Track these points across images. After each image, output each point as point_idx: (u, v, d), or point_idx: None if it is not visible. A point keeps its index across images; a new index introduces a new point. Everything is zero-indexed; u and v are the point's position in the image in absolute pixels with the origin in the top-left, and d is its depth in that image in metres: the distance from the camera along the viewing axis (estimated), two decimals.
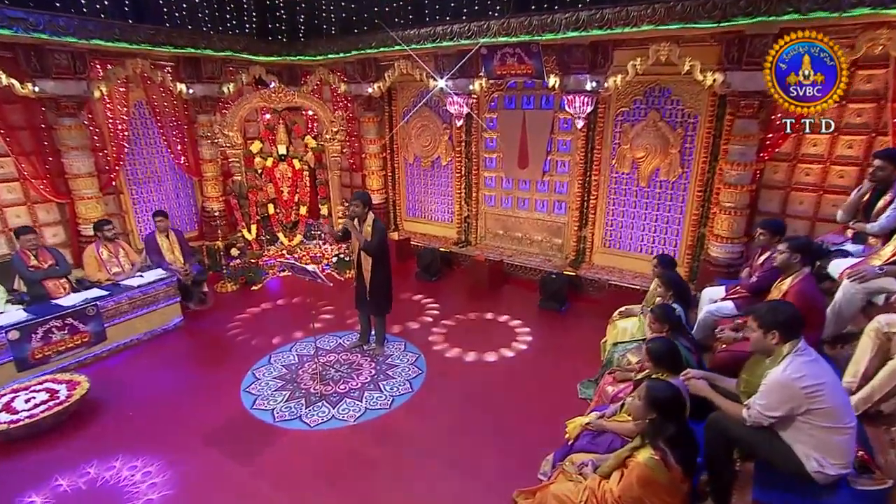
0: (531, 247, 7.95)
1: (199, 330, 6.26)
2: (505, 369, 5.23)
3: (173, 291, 6.25)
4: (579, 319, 6.38)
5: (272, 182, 8.16)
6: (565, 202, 7.45)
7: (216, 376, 5.21)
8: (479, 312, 6.54)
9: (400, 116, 8.81)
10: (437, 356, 5.47)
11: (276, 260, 8.00)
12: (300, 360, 5.51)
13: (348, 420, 4.49)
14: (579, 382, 4.93)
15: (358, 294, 5.38)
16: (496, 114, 7.76)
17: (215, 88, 7.88)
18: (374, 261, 5.10)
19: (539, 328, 6.11)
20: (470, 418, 4.49)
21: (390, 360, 5.43)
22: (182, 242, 6.79)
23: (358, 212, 4.99)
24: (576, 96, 6.33)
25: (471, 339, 5.79)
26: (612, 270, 7.02)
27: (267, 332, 6.05)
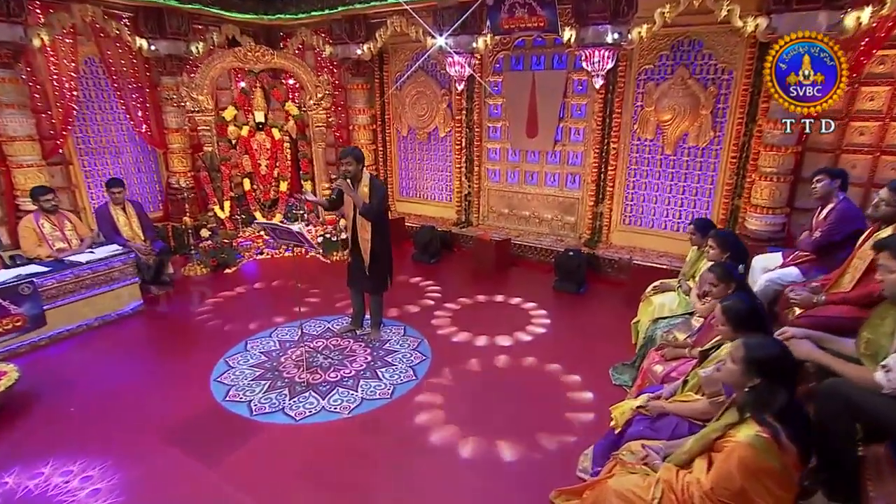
0: (540, 226, 7.48)
1: (162, 315, 5.65)
2: (522, 354, 4.75)
3: (131, 270, 5.61)
4: (601, 301, 5.95)
5: (248, 154, 7.56)
6: (579, 175, 7.01)
7: (181, 366, 4.60)
8: (486, 295, 6.11)
9: (392, 82, 8.27)
10: (443, 341, 4.97)
11: (251, 241, 7.37)
12: (282, 346, 4.93)
13: (341, 412, 3.93)
14: (611, 367, 4.46)
15: (352, 270, 4.83)
16: (501, 77, 7.30)
17: (182, 47, 7.26)
18: (374, 227, 4.57)
19: (557, 311, 5.65)
20: (486, 408, 3.95)
21: (388, 346, 4.89)
22: (141, 216, 6.15)
23: (352, 170, 4.44)
24: (595, 50, 5.83)
25: (480, 323, 5.32)
26: (633, 250, 6.53)
27: (242, 318, 5.47)
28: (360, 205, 4.44)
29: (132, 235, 6.01)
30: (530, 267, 6.96)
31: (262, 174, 7.66)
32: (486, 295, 6.10)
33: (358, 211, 4.51)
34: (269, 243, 7.44)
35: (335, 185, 4.48)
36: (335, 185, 4.48)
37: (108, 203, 5.96)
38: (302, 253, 7.47)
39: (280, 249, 7.43)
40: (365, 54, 7.68)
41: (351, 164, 4.45)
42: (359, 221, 4.60)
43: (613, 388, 4.20)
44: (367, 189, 4.51)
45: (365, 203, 4.44)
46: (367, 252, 4.64)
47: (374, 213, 4.52)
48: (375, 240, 4.62)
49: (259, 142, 7.58)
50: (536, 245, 7.07)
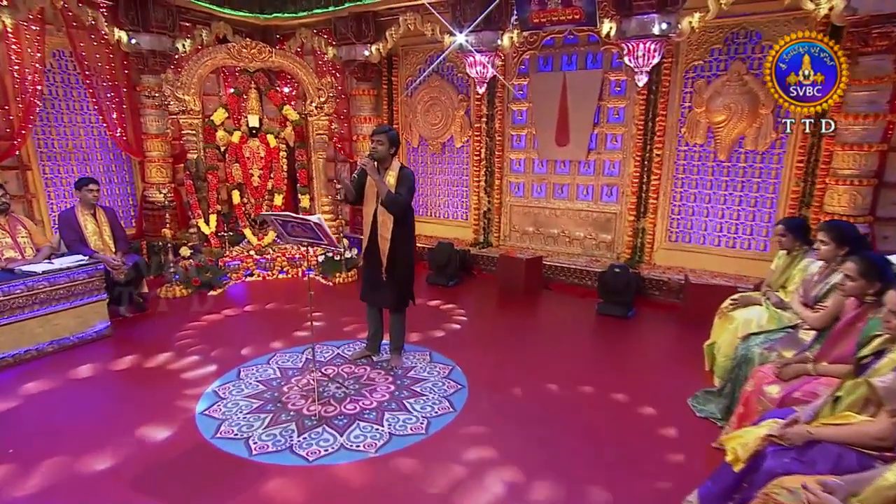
0: (570, 246, 7.02)
1: (135, 340, 5.00)
2: (576, 383, 4.23)
3: (98, 285, 4.97)
4: (655, 326, 5.48)
5: (239, 163, 7.04)
6: (617, 187, 6.61)
7: (158, 397, 3.93)
8: (521, 319, 5.64)
9: (402, 88, 7.93)
10: (479, 368, 4.41)
11: (240, 261, 6.76)
12: (284, 374, 4.29)
13: (366, 451, 3.29)
14: (690, 398, 3.88)
15: (368, 281, 4.28)
16: (527, 79, 6.97)
17: (167, 43, 6.86)
18: (398, 224, 4.07)
19: (606, 336, 5.16)
20: (549, 445, 3.36)
21: (414, 374, 4.29)
22: (114, 224, 5.56)
23: (382, 151, 3.97)
24: (640, 43, 5.52)
25: (521, 349, 4.80)
26: (682, 271, 6.05)
27: (232, 343, 4.86)
28: (383, 194, 3.93)
29: (102, 247, 5.38)
30: (564, 290, 6.49)
31: (255, 186, 7.13)
32: (520, 319, 5.64)
33: (380, 201, 3.98)
34: (261, 263, 6.84)
35: (360, 163, 3.95)
36: (360, 163, 3.95)
37: (75, 207, 5.35)
38: (297, 273, 6.87)
39: (274, 271, 6.84)
40: (373, 56, 7.36)
41: (382, 142, 3.96)
42: (380, 218, 4.09)
43: (699, 421, 3.65)
44: (394, 180, 4.02)
45: (391, 192, 3.92)
46: (386, 255, 4.10)
47: (401, 206, 4.02)
48: (397, 241, 4.11)
49: (252, 149, 7.09)
50: (570, 266, 6.59)
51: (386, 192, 3.93)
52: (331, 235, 3.52)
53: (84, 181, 5.35)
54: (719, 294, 5.16)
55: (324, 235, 3.51)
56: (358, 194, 4.19)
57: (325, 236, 3.51)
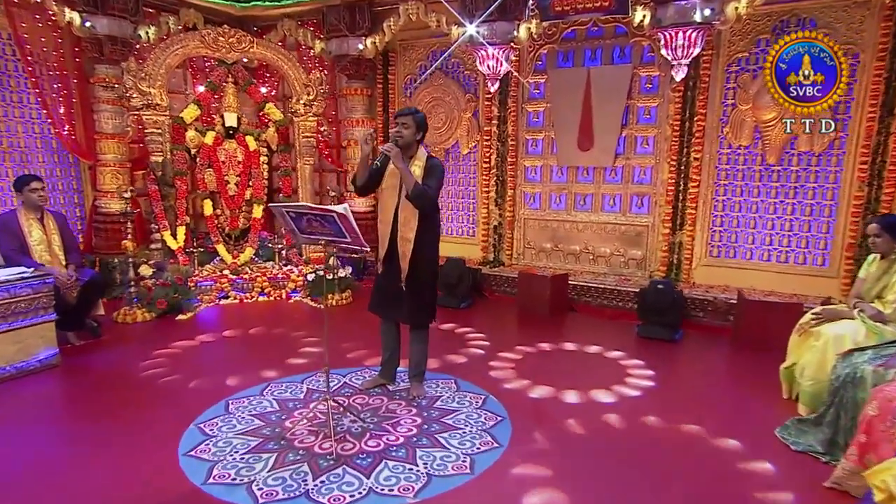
0: (595, 264, 6.81)
1: (91, 370, 4.53)
2: (638, 413, 3.94)
3: (45, 303, 4.48)
4: (707, 349, 5.23)
5: (212, 167, 6.66)
6: (649, 196, 6.46)
7: (127, 437, 3.45)
8: (550, 343, 5.35)
9: (401, 88, 7.72)
10: (518, 397, 4.12)
11: (213, 282, 6.30)
12: (283, 407, 3.86)
13: (403, 495, 2.88)
14: (779, 428, 3.58)
15: (385, 287, 3.93)
16: (545, 76, 6.84)
17: (128, 29, 6.46)
18: (423, 223, 3.77)
19: (656, 361, 4.90)
20: (620, 486, 3.01)
21: (441, 404, 3.92)
22: (65, 233, 5.12)
23: (407, 136, 3.67)
24: (679, 32, 5.40)
25: (558, 375, 4.56)
26: (728, 290, 5.85)
27: (214, 372, 4.44)
28: (410, 186, 3.61)
29: (50, 259, 4.90)
30: (592, 312, 6.24)
31: (231, 195, 6.74)
32: (549, 343, 5.33)
33: (405, 194, 3.66)
34: (237, 284, 6.39)
35: (382, 148, 3.62)
36: (382, 148, 3.62)
37: (16, 210, 4.88)
38: (281, 295, 6.44)
39: (253, 293, 6.39)
40: (368, 51, 7.18)
41: (409, 125, 3.67)
42: (402, 214, 3.77)
43: (796, 456, 3.35)
44: (420, 170, 3.73)
45: (418, 184, 3.61)
46: (408, 259, 3.77)
47: (430, 201, 3.71)
48: (423, 242, 3.79)
49: (228, 152, 6.73)
50: (598, 285, 6.33)
51: (413, 183, 3.61)
52: (358, 231, 3.17)
53: (25, 179, 4.90)
54: (781, 312, 4.99)
55: (349, 231, 3.16)
56: (369, 183, 3.84)
57: (351, 232, 3.16)
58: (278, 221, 7.51)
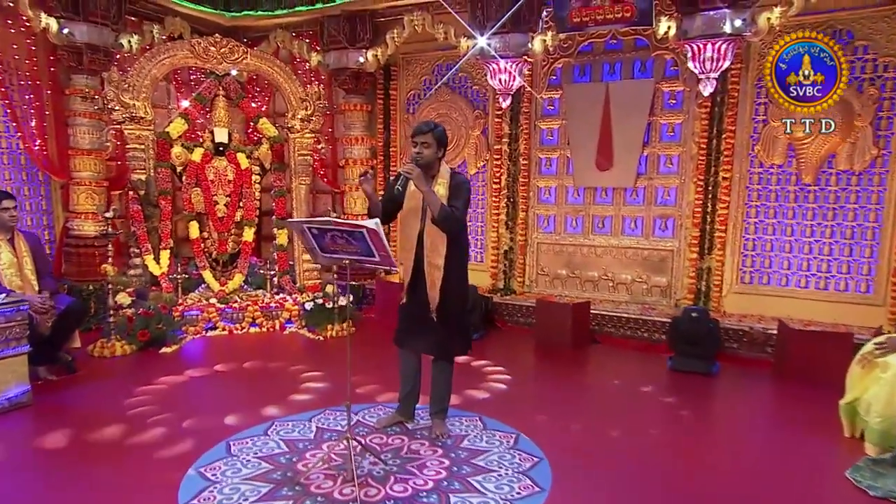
0: (616, 292, 6.72)
1: (68, 409, 4.28)
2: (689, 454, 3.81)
3: (18, 333, 4.25)
4: (749, 384, 5.12)
5: (200, 187, 6.50)
6: (673, 219, 6.41)
7: (117, 486, 3.22)
8: (579, 377, 5.32)
9: (403, 104, 7.70)
10: (551, 435, 3.99)
11: (199, 311, 6.07)
12: (292, 447, 3.66)
13: None
14: (850, 470, 3.45)
15: (412, 319, 3.81)
16: (559, 92, 6.83)
17: (109, 37, 6.37)
18: (451, 248, 3.66)
19: (695, 397, 4.81)
20: None
21: (468, 444, 3.75)
22: (38, 255, 4.90)
23: (428, 156, 3.59)
24: (708, 44, 5.41)
25: (592, 412, 4.47)
26: (763, 319, 5.77)
27: (209, 410, 4.24)
28: (436, 209, 3.50)
29: (21, 284, 4.66)
30: (616, 343, 6.14)
31: (219, 217, 6.55)
32: (575, 376, 5.29)
33: (431, 218, 3.55)
34: (226, 314, 6.18)
35: (402, 170, 3.51)
36: (402, 170, 3.51)
37: None
38: (274, 326, 6.28)
39: (244, 323, 6.19)
40: (369, 64, 7.18)
41: (429, 144, 3.58)
42: (428, 239, 3.66)
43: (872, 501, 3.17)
44: (444, 190, 3.64)
45: (444, 206, 3.49)
46: (437, 287, 3.65)
47: (458, 223, 3.65)
48: (452, 267, 3.69)
49: (218, 170, 6.57)
50: (621, 315, 6.26)
51: (439, 205, 3.50)
52: (388, 249, 3.04)
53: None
54: (829, 342, 4.93)
55: (379, 248, 3.05)
56: (389, 210, 3.73)
57: (382, 249, 3.05)
58: (268, 246, 7.38)
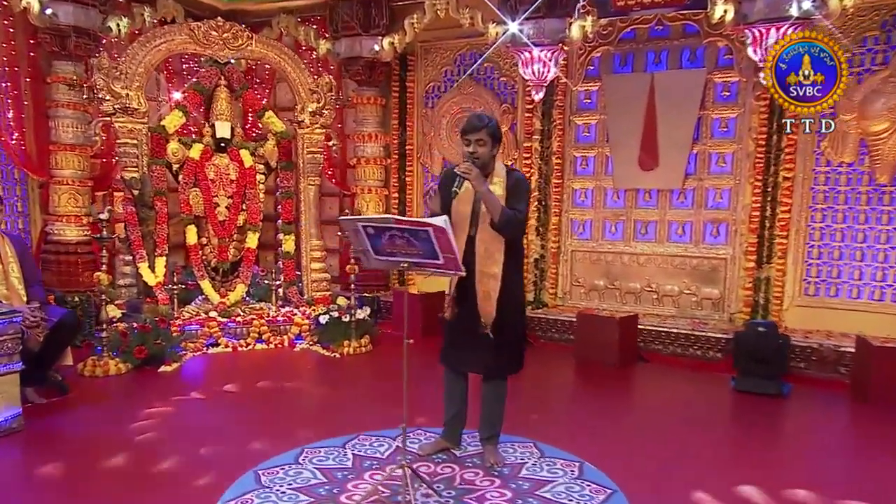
0: (660, 305, 6.79)
1: (63, 436, 4.15)
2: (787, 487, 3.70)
3: (10, 349, 4.13)
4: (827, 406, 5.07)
5: (199, 187, 6.42)
6: (726, 224, 6.45)
7: None
8: (635, 399, 5.40)
9: (421, 98, 7.72)
10: (619, 463, 3.85)
11: (200, 325, 5.94)
12: (331, 478, 3.55)
13: None
14: None
15: (460, 334, 3.72)
16: (597, 83, 6.87)
17: (96, 19, 6.38)
18: (509, 254, 3.61)
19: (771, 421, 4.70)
20: None
21: (527, 473, 3.68)
22: (25, 260, 4.76)
23: (484, 155, 3.51)
24: (771, 29, 5.41)
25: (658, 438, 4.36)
26: (832, 335, 5.76)
27: (229, 436, 4.16)
28: (496, 212, 3.44)
29: (7, 293, 4.53)
30: (666, 361, 6.13)
31: (220, 220, 6.48)
32: (629, 399, 5.39)
33: (490, 222, 3.48)
34: (229, 329, 6.07)
35: (458, 170, 3.40)
36: (458, 170, 3.40)
37: None
38: (283, 342, 6.23)
39: (249, 340, 6.09)
40: (385, 53, 7.20)
41: (484, 142, 3.51)
42: (482, 246, 3.58)
43: None
44: (500, 190, 3.57)
45: (505, 209, 3.45)
46: (494, 299, 3.56)
47: (521, 227, 3.68)
48: (509, 276, 3.61)
49: (219, 169, 6.52)
50: (669, 330, 6.27)
51: (500, 209, 3.44)
52: (457, 251, 2.99)
53: None
54: None
55: (446, 250, 2.98)
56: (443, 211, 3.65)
57: (449, 251, 2.98)
58: (266, 254, 7.28)
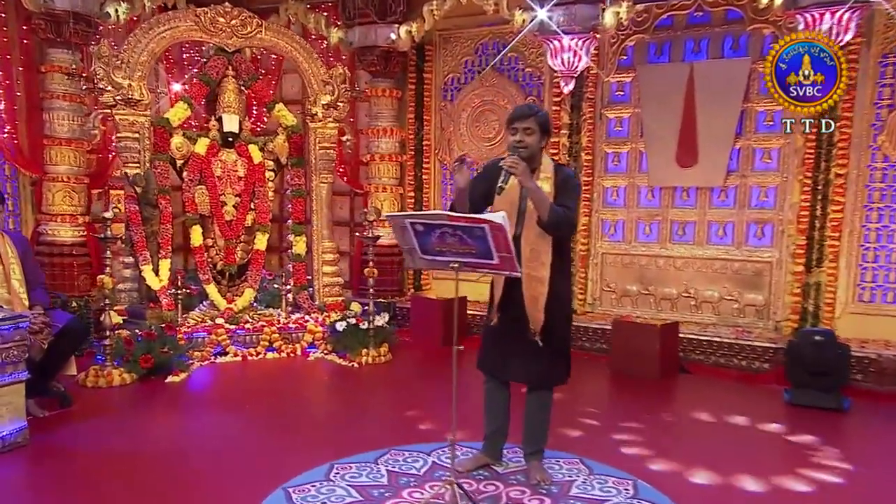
0: (699, 312, 6.75)
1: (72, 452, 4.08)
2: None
3: (15, 357, 4.06)
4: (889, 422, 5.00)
5: (205, 184, 6.41)
6: (772, 225, 6.42)
7: None
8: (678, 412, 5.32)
9: (439, 90, 7.73)
10: (675, 483, 3.80)
11: (207, 333, 5.90)
12: (366, 495, 3.49)
13: None
14: None
15: (504, 341, 3.67)
16: (631, 74, 6.85)
17: (94, 5, 6.39)
18: (557, 254, 3.58)
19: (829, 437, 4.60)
20: None
21: (577, 492, 3.63)
22: (27, 260, 4.72)
23: (532, 145, 3.46)
24: (826, 13, 5.38)
25: (713, 455, 4.27)
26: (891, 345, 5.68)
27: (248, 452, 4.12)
28: (545, 210, 3.38)
29: (8, 297, 4.48)
30: (709, 372, 6.11)
31: (227, 220, 6.45)
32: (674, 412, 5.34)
33: (537, 221, 3.43)
34: (238, 339, 6.01)
35: (505, 164, 3.32)
36: (505, 164, 3.32)
37: None
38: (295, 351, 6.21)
39: (259, 348, 6.06)
40: (402, 41, 7.15)
41: (532, 131, 3.46)
42: (528, 247, 3.52)
43: None
44: (548, 186, 3.51)
45: (554, 206, 3.40)
46: (542, 304, 3.51)
47: (572, 227, 3.72)
48: (557, 279, 3.58)
49: (226, 165, 6.50)
50: (710, 338, 6.22)
51: (549, 206, 3.38)
52: (513, 249, 2.97)
53: None
54: None
55: (502, 248, 2.95)
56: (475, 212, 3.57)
57: (505, 249, 2.94)
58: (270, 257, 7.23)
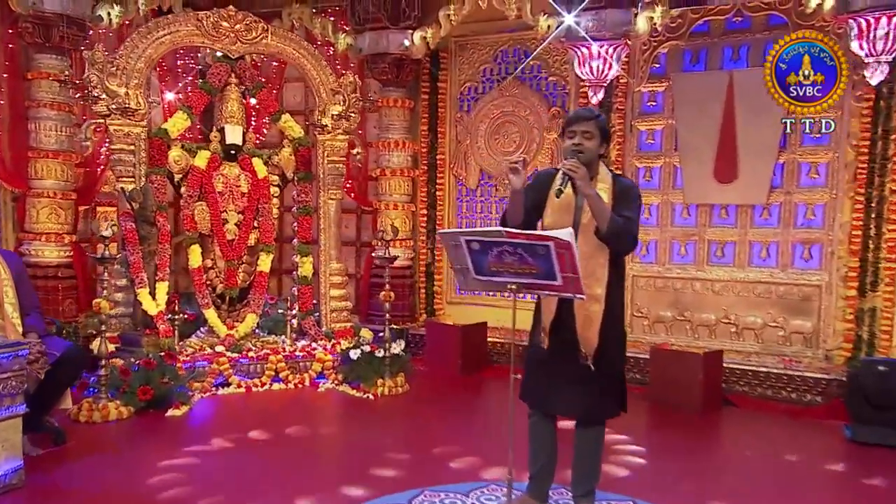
0: (740, 340, 6.71)
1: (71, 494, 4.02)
2: None
3: (13, 388, 4.00)
4: None
5: (205, 201, 6.39)
6: (820, 245, 6.41)
7: None
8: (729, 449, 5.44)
9: (455, 100, 7.77)
10: None
11: (207, 362, 5.83)
12: None
13: None
14: None
15: (552, 369, 3.62)
16: (664, 83, 6.88)
17: (85, 7, 6.54)
18: (612, 270, 3.53)
19: None
20: None
21: None
22: (21, 285, 4.67)
23: (590, 150, 3.43)
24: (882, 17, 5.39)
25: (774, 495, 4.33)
26: None
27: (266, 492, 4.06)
28: (604, 220, 3.34)
29: (0, 323, 4.41)
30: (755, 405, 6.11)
31: (229, 240, 6.44)
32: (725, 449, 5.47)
33: (595, 231, 3.39)
34: (241, 368, 5.95)
35: (563, 167, 3.29)
36: (563, 167, 3.29)
37: None
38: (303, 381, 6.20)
39: (264, 378, 6.03)
40: (416, 48, 7.20)
41: (591, 135, 3.43)
42: (582, 260, 3.41)
43: None
44: (606, 196, 3.48)
45: (615, 217, 3.38)
46: (597, 325, 3.45)
47: (631, 238, 3.56)
48: (614, 299, 3.54)
49: (228, 180, 6.49)
50: (756, 369, 6.24)
51: (610, 216, 3.35)
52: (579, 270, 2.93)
53: None
54: None
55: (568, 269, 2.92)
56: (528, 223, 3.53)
57: (571, 269, 2.91)
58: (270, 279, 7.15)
